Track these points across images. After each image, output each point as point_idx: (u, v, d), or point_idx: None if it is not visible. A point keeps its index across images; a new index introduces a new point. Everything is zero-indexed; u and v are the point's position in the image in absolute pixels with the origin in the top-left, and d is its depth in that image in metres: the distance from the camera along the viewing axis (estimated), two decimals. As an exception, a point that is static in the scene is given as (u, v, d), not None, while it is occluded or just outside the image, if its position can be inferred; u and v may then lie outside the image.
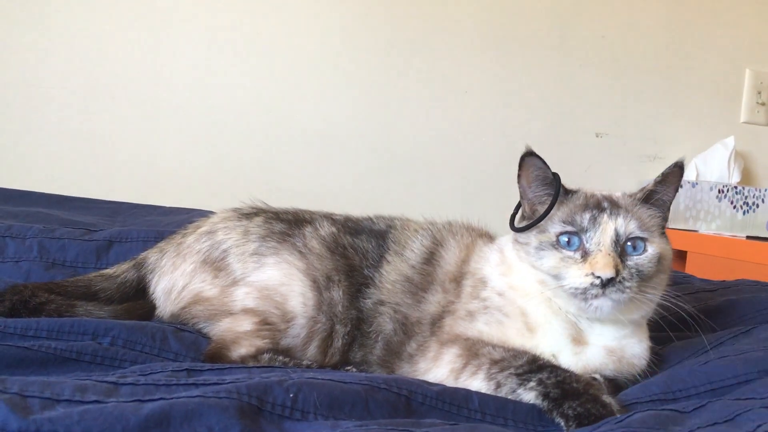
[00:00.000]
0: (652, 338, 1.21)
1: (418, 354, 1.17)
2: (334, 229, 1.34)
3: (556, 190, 1.15)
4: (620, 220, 1.12)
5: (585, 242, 1.11)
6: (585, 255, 1.10)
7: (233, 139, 2.59)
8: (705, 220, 2.80)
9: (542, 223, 1.15)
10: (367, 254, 1.31)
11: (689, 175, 2.96)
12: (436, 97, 2.76)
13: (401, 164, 2.73)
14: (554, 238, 1.13)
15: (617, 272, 1.07)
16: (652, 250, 1.13)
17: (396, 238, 1.34)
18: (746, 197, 2.82)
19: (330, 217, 1.39)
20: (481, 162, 2.78)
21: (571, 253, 1.11)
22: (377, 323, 1.25)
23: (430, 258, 1.30)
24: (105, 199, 2.24)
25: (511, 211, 1.23)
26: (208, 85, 2.57)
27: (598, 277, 1.07)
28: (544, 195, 1.17)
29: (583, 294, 1.08)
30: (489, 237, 1.35)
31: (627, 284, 1.08)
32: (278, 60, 2.62)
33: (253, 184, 2.51)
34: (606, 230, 1.11)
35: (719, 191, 2.81)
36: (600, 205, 1.14)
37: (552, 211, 1.15)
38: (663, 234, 1.20)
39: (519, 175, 1.18)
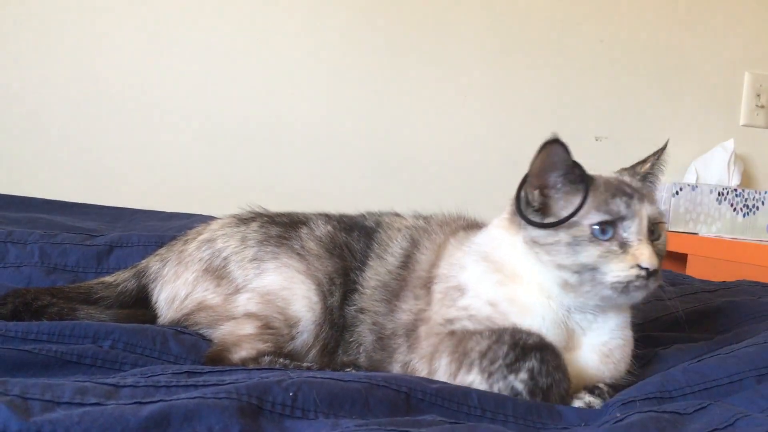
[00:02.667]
0: (646, 339, 1.22)
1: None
2: (330, 227, 1.33)
3: (586, 182, 1.08)
4: (647, 206, 1.08)
5: (622, 231, 1.06)
6: (623, 245, 1.05)
7: (234, 144, 2.60)
8: (705, 222, 2.80)
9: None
10: (356, 255, 1.29)
11: (689, 178, 2.96)
12: (436, 100, 2.77)
13: (402, 167, 2.73)
14: (588, 231, 1.06)
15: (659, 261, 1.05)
16: (664, 232, 1.11)
17: (380, 239, 1.31)
18: (746, 200, 2.83)
19: (325, 216, 1.38)
20: (481, 165, 2.78)
21: (608, 245, 1.05)
22: (357, 333, 1.24)
23: (407, 262, 1.27)
24: (106, 205, 2.25)
25: (514, 205, 1.12)
26: (208, 90, 2.58)
27: (645, 268, 1.03)
28: (561, 184, 1.09)
29: (626, 287, 1.05)
30: (465, 230, 1.28)
31: (659, 272, 1.07)
32: (278, 64, 2.63)
33: (254, 189, 2.52)
34: (642, 217, 1.07)
35: (719, 194, 2.81)
36: (625, 190, 1.09)
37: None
38: None
39: (535, 161, 1.09)
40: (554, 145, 1.07)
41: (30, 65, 2.44)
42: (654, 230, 1.09)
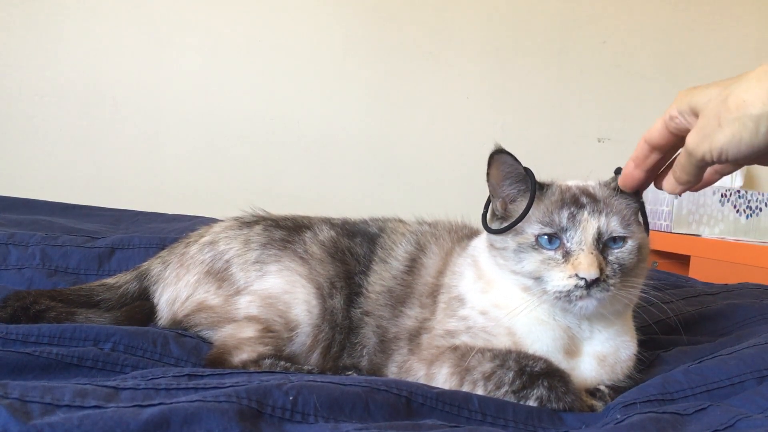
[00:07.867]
0: (649, 342, 1.21)
1: (402, 377, 1.14)
2: (333, 233, 1.33)
3: (532, 188, 1.09)
4: (603, 219, 1.06)
5: (566, 241, 1.05)
6: (567, 254, 1.05)
7: (236, 146, 2.60)
8: (708, 224, 2.79)
9: (519, 224, 1.09)
10: (360, 260, 1.30)
11: (692, 179, 2.95)
12: (439, 102, 2.77)
13: (404, 169, 2.73)
14: (533, 239, 1.07)
15: (601, 271, 1.03)
16: (632, 242, 1.08)
17: (383, 244, 1.32)
18: (749, 201, 2.82)
19: (328, 221, 1.39)
20: (484, 167, 2.78)
21: (552, 254, 1.06)
22: (362, 335, 1.25)
23: (412, 266, 1.27)
24: (108, 207, 2.25)
25: (482, 210, 1.15)
26: (210, 93, 2.58)
27: (582, 278, 1.02)
28: (516, 192, 1.12)
29: (567, 296, 1.04)
30: (470, 238, 1.28)
31: (611, 282, 1.04)
32: (280, 67, 2.64)
33: (256, 191, 2.53)
34: (587, 229, 1.05)
35: (722, 195, 2.81)
36: (578, 201, 1.08)
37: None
38: (639, 221, 1.13)
39: (488, 173, 1.12)
40: (501, 155, 1.09)
41: (32, 67, 2.44)
42: (614, 242, 1.07)
